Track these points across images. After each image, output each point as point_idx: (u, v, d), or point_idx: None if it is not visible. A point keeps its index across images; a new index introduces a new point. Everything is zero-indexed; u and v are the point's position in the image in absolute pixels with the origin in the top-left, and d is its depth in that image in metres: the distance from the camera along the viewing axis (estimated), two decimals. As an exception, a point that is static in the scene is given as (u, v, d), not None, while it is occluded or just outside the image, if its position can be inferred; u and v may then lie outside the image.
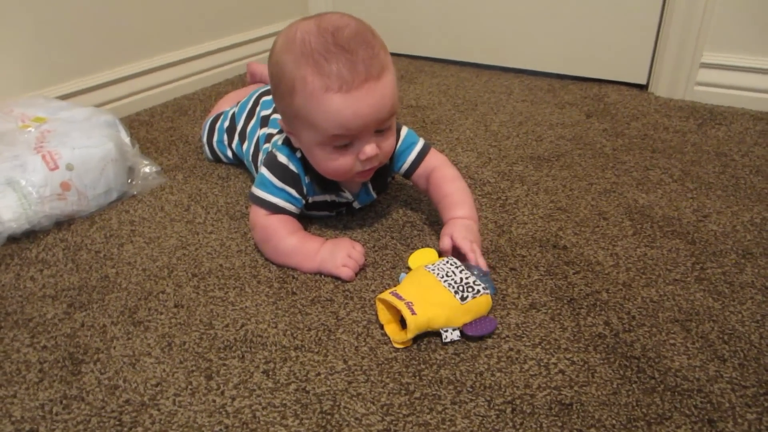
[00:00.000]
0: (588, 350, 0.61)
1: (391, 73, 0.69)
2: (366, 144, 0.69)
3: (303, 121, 0.69)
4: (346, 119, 0.66)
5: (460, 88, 1.40)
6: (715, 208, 0.87)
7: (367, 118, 0.67)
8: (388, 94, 0.68)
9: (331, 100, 0.65)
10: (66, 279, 0.75)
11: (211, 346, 0.63)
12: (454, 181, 0.80)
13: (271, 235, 0.75)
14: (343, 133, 0.68)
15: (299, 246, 0.74)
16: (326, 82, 0.65)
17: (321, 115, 0.66)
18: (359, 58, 0.65)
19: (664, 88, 1.30)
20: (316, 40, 0.66)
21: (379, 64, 0.67)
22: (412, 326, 0.60)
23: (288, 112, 0.71)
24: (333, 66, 0.65)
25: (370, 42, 0.67)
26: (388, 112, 0.69)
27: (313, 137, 0.70)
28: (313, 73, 0.65)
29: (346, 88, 0.65)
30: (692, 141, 1.09)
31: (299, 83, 0.66)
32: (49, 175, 0.83)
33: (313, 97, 0.66)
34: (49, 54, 1.16)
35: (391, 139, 0.73)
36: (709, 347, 0.61)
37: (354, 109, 0.65)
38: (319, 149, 0.71)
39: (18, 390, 0.59)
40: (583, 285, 0.71)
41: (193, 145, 1.13)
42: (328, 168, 0.72)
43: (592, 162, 1.02)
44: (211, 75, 1.50)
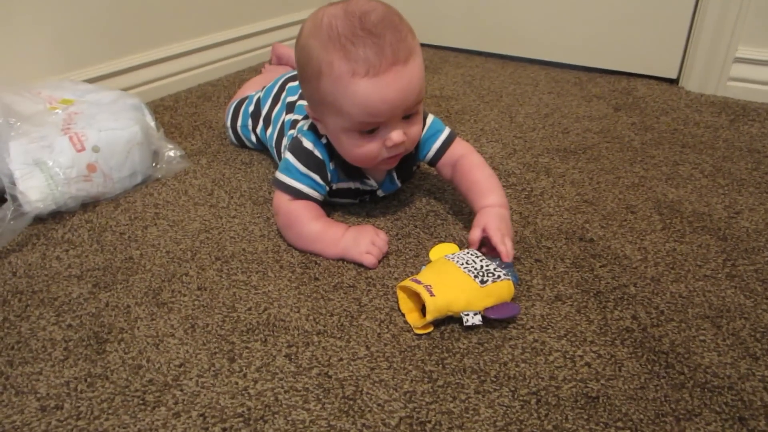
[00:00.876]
0: (615, 344, 0.60)
1: (419, 57, 0.68)
2: (393, 130, 0.69)
3: (329, 107, 0.68)
4: (373, 104, 0.65)
5: (485, 79, 1.39)
6: (748, 204, 0.85)
7: (394, 103, 0.66)
8: (415, 78, 0.67)
9: (358, 85, 0.64)
10: (91, 259, 0.76)
11: (234, 328, 0.63)
12: (481, 168, 0.79)
13: (293, 220, 0.75)
14: (369, 120, 0.67)
15: (322, 232, 0.74)
16: (353, 66, 0.64)
17: (348, 101, 0.66)
18: (386, 42, 0.64)
19: (696, 83, 1.27)
20: (342, 25, 0.65)
21: (407, 48, 0.66)
22: (431, 308, 0.59)
23: (314, 98, 0.71)
24: (360, 50, 0.64)
25: (398, 26, 0.67)
26: (416, 96, 0.68)
27: (339, 123, 0.69)
28: (339, 57, 0.65)
29: (374, 73, 0.64)
30: (724, 137, 1.06)
31: (326, 68, 0.66)
32: (75, 156, 0.84)
33: (339, 82, 0.65)
34: (77, 38, 1.17)
35: (418, 125, 0.72)
36: (741, 344, 0.60)
37: (381, 94, 0.65)
38: (345, 135, 0.70)
39: (44, 367, 0.59)
40: (610, 278, 0.70)
41: (217, 130, 1.13)
42: (354, 154, 0.72)
43: (620, 155, 1.00)
44: (235, 62, 1.50)
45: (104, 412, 0.54)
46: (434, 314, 0.60)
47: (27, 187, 0.81)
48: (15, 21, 1.07)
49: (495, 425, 0.51)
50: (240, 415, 0.53)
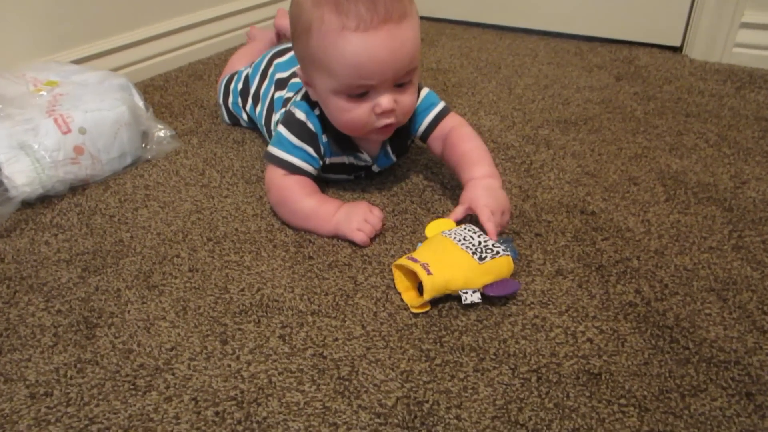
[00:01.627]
0: (618, 319, 0.58)
1: (414, 21, 0.66)
2: (383, 97, 0.66)
3: (318, 66, 0.66)
4: (362, 63, 0.63)
5: (483, 51, 1.35)
6: (754, 174, 0.82)
7: (384, 63, 0.63)
8: (408, 41, 0.64)
9: (347, 40, 0.62)
10: (80, 243, 0.74)
11: (227, 310, 0.61)
12: (471, 140, 0.76)
13: (287, 196, 0.73)
14: (358, 81, 0.64)
15: (316, 208, 0.72)
16: (343, 20, 0.62)
17: (336, 57, 0.63)
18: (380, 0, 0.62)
19: (700, 51, 1.23)
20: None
21: (401, 8, 0.63)
22: (428, 286, 0.57)
23: (304, 57, 0.68)
24: (352, 5, 0.62)
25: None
26: (408, 61, 0.65)
27: (328, 84, 0.66)
28: (330, 11, 0.62)
29: (364, 27, 0.61)
30: (729, 105, 1.03)
31: (316, 22, 0.63)
32: (61, 138, 0.82)
33: (328, 36, 0.63)
34: (62, 18, 1.14)
35: (411, 96, 0.69)
36: (748, 318, 0.58)
37: (371, 52, 0.62)
38: (334, 98, 0.67)
39: (33, 353, 0.58)
40: (612, 252, 0.68)
41: (208, 109, 1.11)
42: (342, 120, 0.69)
43: (622, 126, 0.97)
44: (226, 39, 1.46)
45: (94, 398, 0.52)
46: (431, 293, 0.58)
47: (13, 171, 0.79)
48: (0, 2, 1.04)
49: (494, 404, 0.50)
50: (233, 398, 0.51)
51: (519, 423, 0.48)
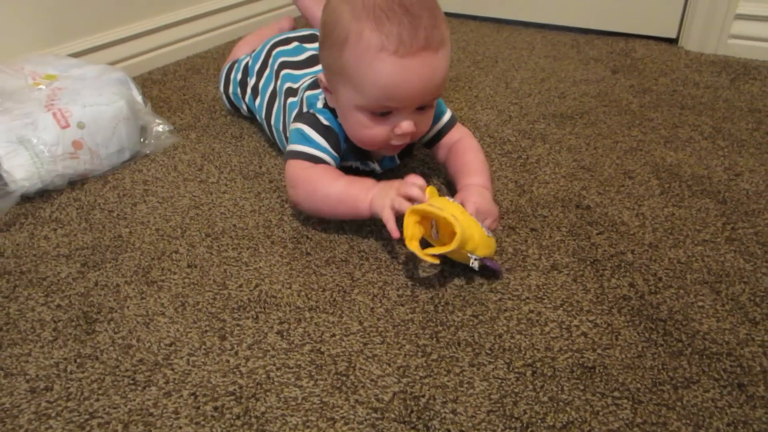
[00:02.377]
0: (612, 312, 0.59)
1: (449, 50, 0.66)
2: (404, 119, 0.66)
3: (347, 79, 0.65)
4: (394, 85, 0.62)
5: (480, 44, 1.35)
6: (748, 166, 0.83)
7: (415, 89, 0.63)
8: (441, 70, 0.64)
9: (384, 61, 0.61)
10: (79, 238, 0.74)
11: (225, 306, 0.62)
12: (476, 152, 0.77)
13: (316, 183, 0.70)
14: (386, 102, 0.64)
15: (346, 189, 0.68)
16: (383, 41, 0.61)
17: (370, 76, 0.63)
18: (422, 25, 0.61)
19: (696, 42, 1.23)
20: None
21: (440, 36, 0.63)
22: (459, 233, 0.56)
23: (333, 66, 0.67)
24: (394, 26, 0.61)
25: (435, 11, 0.64)
26: (436, 89, 0.65)
27: (353, 98, 0.66)
28: (371, 28, 0.61)
29: (403, 52, 0.61)
30: (724, 97, 1.04)
31: (354, 36, 0.62)
32: (60, 133, 0.82)
33: (365, 54, 0.62)
34: (60, 11, 1.14)
35: (429, 117, 0.71)
36: (740, 309, 0.59)
37: (404, 76, 0.62)
38: (356, 113, 0.67)
39: (33, 348, 0.58)
40: (607, 246, 0.68)
41: (207, 104, 1.11)
42: (360, 134, 0.69)
43: (618, 119, 0.98)
44: (224, 32, 1.46)
45: (94, 393, 0.53)
46: (457, 243, 0.57)
47: (12, 165, 0.79)
48: (-8, -6, 1.04)
49: (490, 398, 0.51)
50: (232, 393, 0.52)
51: (514, 416, 0.49)
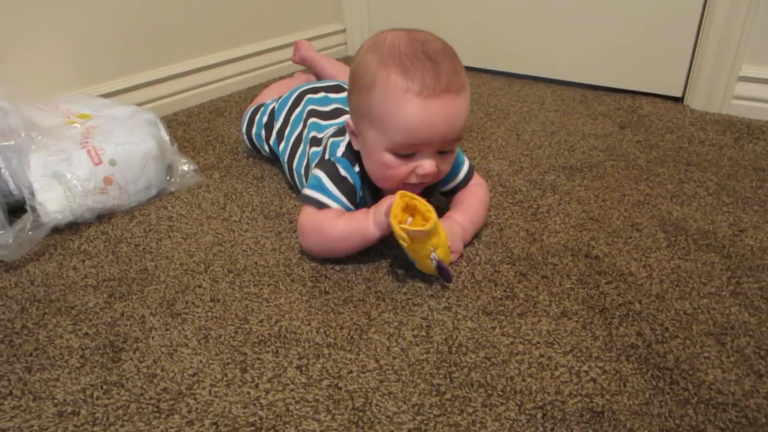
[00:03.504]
0: (620, 360, 0.61)
1: (468, 95, 0.71)
2: (426, 161, 0.70)
3: (374, 121, 0.70)
4: (418, 125, 0.67)
5: (492, 97, 1.41)
6: (752, 222, 0.86)
7: (437, 129, 0.68)
8: (462, 112, 0.69)
9: (409, 102, 0.66)
10: (107, 270, 0.77)
11: (246, 340, 0.64)
12: (475, 199, 0.82)
13: (322, 228, 0.74)
14: (410, 141, 0.69)
15: (349, 223, 0.73)
16: (408, 84, 0.66)
17: (395, 116, 0.67)
18: (443, 70, 0.67)
19: (701, 101, 1.28)
20: (405, 45, 0.68)
21: (460, 81, 0.68)
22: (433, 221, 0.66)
23: (361, 109, 0.72)
24: (418, 71, 0.66)
25: (454, 59, 0.70)
26: (458, 130, 0.70)
27: (379, 140, 0.70)
28: (397, 73, 0.67)
29: (426, 94, 0.66)
30: (729, 155, 1.07)
31: (381, 79, 0.68)
32: (93, 169, 0.86)
33: (392, 96, 0.67)
34: (94, 53, 1.20)
35: (450, 162, 0.75)
36: (745, 362, 0.61)
37: (428, 116, 0.66)
38: (380, 153, 0.71)
39: (61, 374, 0.61)
40: (615, 295, 0.71)
41: (229, 145, 1.16)
42: (382, 174, 0.73)
43: (626, 173, 1.01)
44: (246, 78, 1.53)
45: (119, 419, 0.55)
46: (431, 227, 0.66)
47: (45, 198, 0.83)
48: (36, 36, 1.11)
49: (502, 438, 0.52)
50: (252, 425, 0.54)
51: (525, 457, 0.51)
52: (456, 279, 0.73)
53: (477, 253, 0.79)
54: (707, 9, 1.22)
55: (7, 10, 1.06)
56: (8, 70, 1.08)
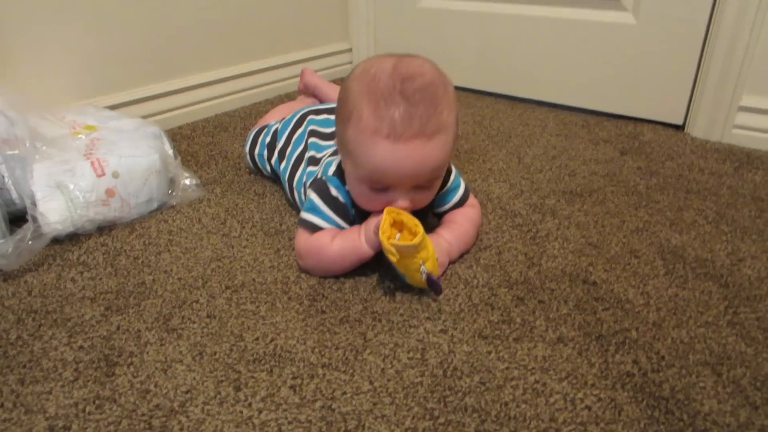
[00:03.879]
0: (615, 388, 0.61)
1: (448, 134, 0.69)
2: (400, 197, 0.71)
3: (349, 153, 0.71)
4: (385, 167, 0.68)
5: (495, 120, 1.42)
6: (750, 252, 0.86)
7: (406, 172, 0.68)
8: (434, 155, 0.68)
9: (377, 144, 0.66)
10: (105, 282, 0.78)
11: (241, 357, 0.64)
12: (465, 220, 0.83)
13: (319, 250, 0.75)
14: (378, 179, 0.70)
15: (343, 243, 0.75)
16: (378, 125, 0.66)
17: (364, 155, 0.68)
18: (417, 113, 0.65)
19: (701, 130, 1.29)
20: (385, 81, 0.66)
21: (437, 123, 0.67)
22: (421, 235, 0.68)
23: (340, 138, 0.73)
24: (389, 112, 0.65)
25: (437, 99, 0.67)
26: (429, 173, 0.70)
27: (353, 171, 0.72)
28: (370, 111, 0.66)
29: (394, 138, 0.65)
30: (728, 184, 1.08)
31: (355, 116, 0.68)
32: (96, 181, 0.87)
33: (362, 134, 0.67)
34: (101, 66, 1.22)
35: (429, 194, 0.75)
36: (741, 393, 0.60)
37: (396, 160, 0.67)
38: (357, 183, 0.73)
39: (54, 387, 0.60)
40: (612, 322, 0.71)
41: (232, 160, 1.16)
42: (360, 202, 0.75)
43: (625, 199, 1.02)
44: (251, 94, 1.54)
45: (111, 435, 0.55)
46: (419, 240, 0.67)
47: (47, 208, 0.83)
48: (45, 48, 1.12)
49: (494, 465, 0.52)
50: (244, 444, 0.54)
51: (517, 485, 0.50)
52: (453, 301, 0.73)
53: (475, 275, 0.79)
54: (709, 40, 1.23)
55: (18, 22, 1.07)
56: (17, 80, 1.09)
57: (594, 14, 1.38)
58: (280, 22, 1.59)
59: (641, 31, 1.32)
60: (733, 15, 1.17)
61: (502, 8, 1.52)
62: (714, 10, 1.21)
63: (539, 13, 1.46)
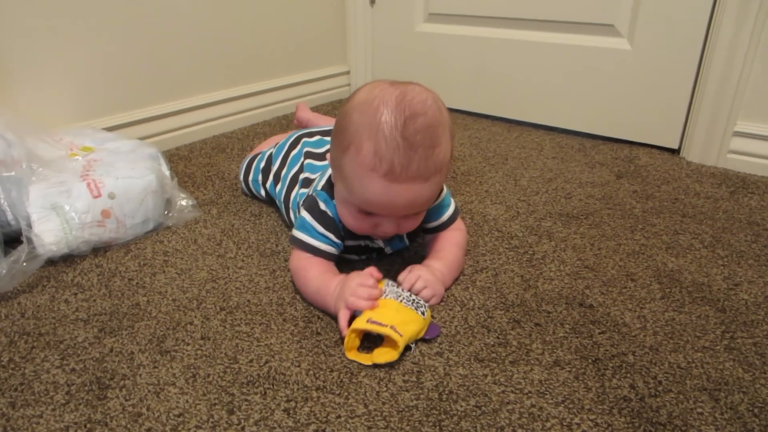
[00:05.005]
0: (612, 413, 0.60)
1: (443, 171, 0.70)
2: (387, 223, 0.73)
3: (344, 179, 0.71)
4: (377, 201, 0.69)
5: (492, 142, 1.43)
6: (747, 276, 0.86)
7: (397, 208, 0.70)
8: (427, 194, 0.70)
9: (373, 180, 0.67)
10: (99, 304, 0.77)
11: (235, 380, 0.64)
12: (453, 246, 0.83)
13: (304, 276, 0.77)
14: (370, 210, 0.71)
15: (320, 286, 0.75)
16: (376, 163, 0.66)
17: (358, 186, 0.69)
18: (416, 158, 0.65)
19: (697, 154, 1.30)
20: (387, 119, 0.65)
21: (435, 165, 0.67)
22: (401, 345, 0.65)
23: (335, 162, 0.73)
24: (389, 153, 0.65)
25: (436, 140, 0.67)
26: (421, 206, 0.72)
27: (345, 194, 0.73)
28: (369, 147, 0.66)
29: (391, 179, 0.66)
30: (724, 208, 1.08)
31: (354, 147, 0.67)
32: (92, 202, 0.87)
33: (359, 168, 0.67)
34: (99, 88, 1.23)
35: (416, 221, 0.76)
36: (738, 419, 0.60)
37: (389, 198, 0.68)
38: (347, 205, 0.74)
39: (45, 410, 0.60)
40: (608, 345, 0.70)
41: (229, 181, 1.17)
42: (349, 223, 0.76)
43: (621, 222, 1.02)
44: (249, 116, 1.55)
45: (101, 460, 0.54)
46: (399, 352, 0.65)
47: (42, 230, 0.83)
48: (43, 70, 1.13)
49: (490, 491, 0.51)
50: (236, 470, 0.53)
51: None
52: (449, 324, 0.73)
53: (471, 297, 0.79)
54: (703, 65, 1.25)
55: (16, 45, 1.08)
56: (15, 102, 1.10)
57: (590, 40, 1.40)
58: (278, 45, 1.60)
59: (636, 57, 1.34)
60: (728, 40, 1.19)
61: (498, 33, 1.54)
62: (708, 35, 1.23)
63: (535, 39, 1.48)
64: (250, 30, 1.51)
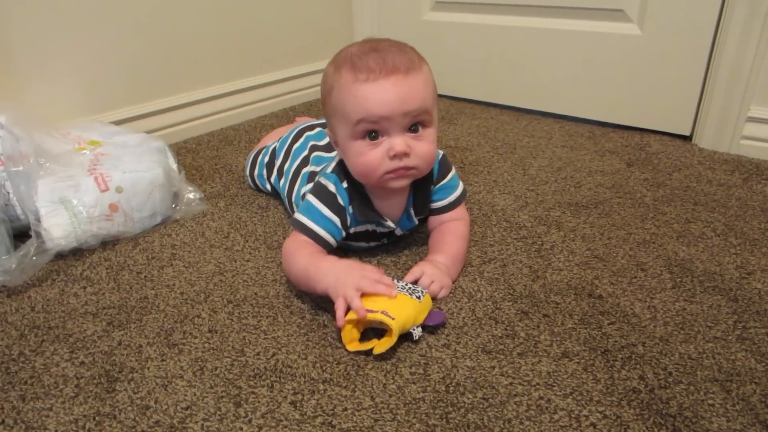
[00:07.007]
0: (621, 404, 0.60)
1: (423, 73, 0.73)
2: (396, 140, 0.72)
3: (338, 116, 0.74)
4: (370, 104, 0.70)
5: (500, 131, 1.41)
6: (760, 265, 0.84)
7: (390, 105, 0.70)
8: (415, 88, 0.71)
9: (359, 88, 0.70)
10: (107, 297, 0.78)
11: (242, 373, 0.64)
12: (456, 238, 0.83)
13: (293, 253, 0.75)
14: (367, 118, 0.70)
15: (311, 264, 0.73)
16: (356, 75, 0.70)
17: (350, 104, 0.71)
18: (389, 56, 0.71)
19: (709, 141, 1.28)
20: (357, 48, 0.73)
21: (408, 61, 0.72)
22: (396, 329, 0.64)
23: (328, 113, 0.76)
24: (364, 62, 0.71)
25: (405, 49, 0.74)
26: (418, 104, 0.71)
27: (346, 131, 0.73)
28: (347, 70, 0.71)
29: (373, 78, 0.70)
30: (737, 195, 1.06)
31: (337, 82, 0.72)
32: (99, 196, 0.87)
33: (344, 89, 0.71)
34: (107, 82, 1.23)
35: (426, 144, 0.74)
36: (751, 411, 0.59)
37: (378, 95, 0.70)
38: (351, 143, 0.73)
39: (54, 403, 0.60)
40: (618, 336, 0.70)
41: (236, 174, 1.17)
42: (358, 163, 0.74)
43: (632, 211, 1.01)
44: (256, 108, 1.55)
45: (110, 453, 0.54)
46: (398, 333, 0.64)
47: (51, 224, 0.84)
48: (50, 65, 1.13)
49: (497, 484, 0.51)
50: (243, 462, 0.53)
51: (520, 505, 0.49)
52: (456, 315, 0.73)
53: (478, 289, 0.78)
54: (715, 50, 1.22)
55: (24, 40, 1.09)
56: (23, 97, 1.11)
57: (599, 26, 1.38)
58: (285, 35, 1.60)
59: (647, 42, 1.32)
60: (741, 24, 1.16)
61: (506, 20, 1.52)
62: (721, 19, 1.20)
63: (544, 25, 1.46)
64: (256, 21, 1.51)
